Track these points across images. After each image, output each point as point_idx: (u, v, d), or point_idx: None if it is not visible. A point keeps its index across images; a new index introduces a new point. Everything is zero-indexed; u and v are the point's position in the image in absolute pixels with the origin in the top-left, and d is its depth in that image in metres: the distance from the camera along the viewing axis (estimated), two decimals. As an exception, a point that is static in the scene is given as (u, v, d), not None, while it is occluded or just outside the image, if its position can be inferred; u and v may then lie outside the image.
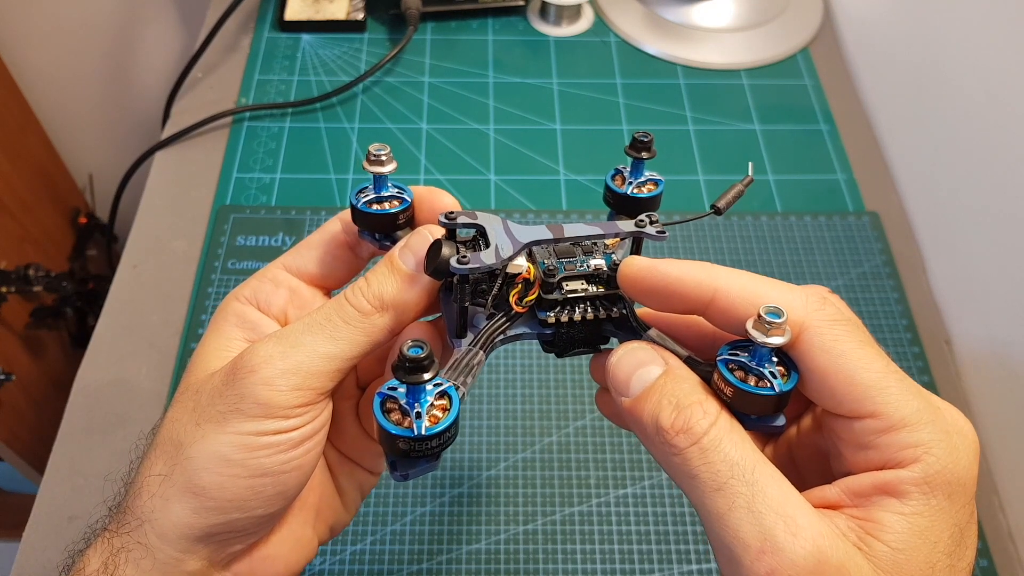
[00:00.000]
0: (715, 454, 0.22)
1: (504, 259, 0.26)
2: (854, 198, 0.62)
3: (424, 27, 0.73)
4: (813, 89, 0.70)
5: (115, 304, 0.55)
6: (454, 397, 0.24)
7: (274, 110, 0.66)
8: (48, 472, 0.47)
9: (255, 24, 0.73)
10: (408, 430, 0.23)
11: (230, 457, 0.25)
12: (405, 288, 0.28)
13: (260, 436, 0.26)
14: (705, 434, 0.22)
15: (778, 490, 0.22)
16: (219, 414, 0.26)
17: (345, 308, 0.27)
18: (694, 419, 0.23)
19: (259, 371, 0.26)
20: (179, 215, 0.60)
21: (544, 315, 0.27)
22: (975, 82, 0.54)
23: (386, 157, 0.29)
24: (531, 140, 0.65)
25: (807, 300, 0.24)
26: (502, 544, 0.45)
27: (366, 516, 0.46)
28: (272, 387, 0.26)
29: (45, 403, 0.93)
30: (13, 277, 0.86)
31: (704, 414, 0.23)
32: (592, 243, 0.29)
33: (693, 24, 0.73)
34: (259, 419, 0.26)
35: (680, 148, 0.65)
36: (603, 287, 0.28)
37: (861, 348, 0.23)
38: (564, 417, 0.50)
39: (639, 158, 0.30)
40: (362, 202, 0.30)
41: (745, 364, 0.24)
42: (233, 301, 0.31)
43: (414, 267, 0.28)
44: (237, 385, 0.26)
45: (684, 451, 0.23)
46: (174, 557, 0.26)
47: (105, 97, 1.03)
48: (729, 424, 0.23)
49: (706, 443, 0.22)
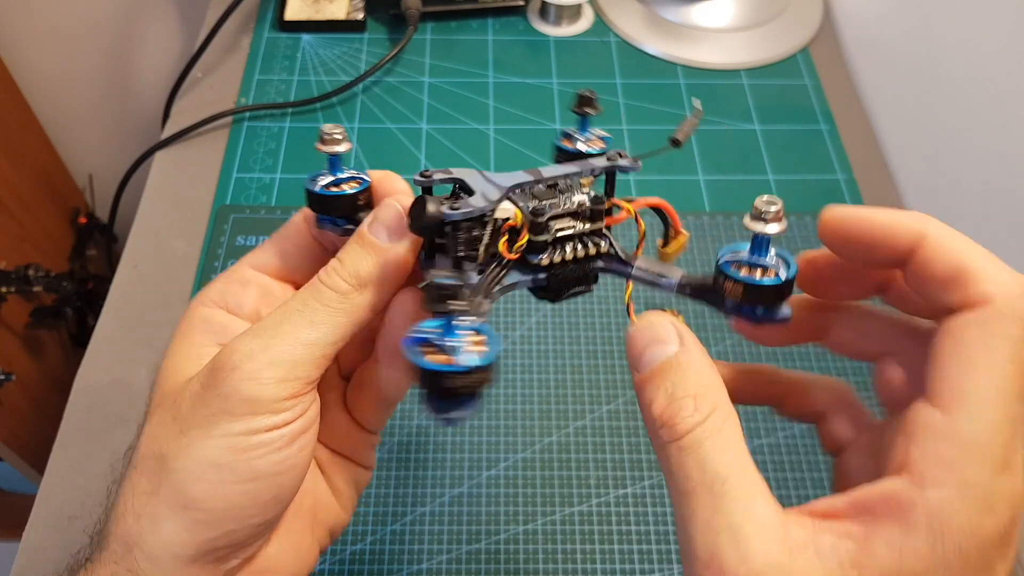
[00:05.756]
0: (691, 456, 0.21)
1: (494, 201, 0.25)
2: (854, 198, 0.62)
3: (424, 27, 0.73)
4: (813, 89, 0.70)
5: (115, 304, 0.55)
6: (490, 332, 0.23)
7: (274, 110, 0.66)
8: (48, 472, 0.47)
9: (255, 24, 0.73)
10: (453, 365, 0.22)
11: (221, 462, 0.24)
12: (381, 261, 0.26)
13: (251, 435, 0.24)
14: (688, 432, 0.21)
15: (743, 509, 0.20)
16: (204, 419, 0.24)
17: (321, 291, 0.26)
18: (681, 415, 0.22)
19: (242, 367, 0.24)
20: (179, 215, 0.60)
21: (536, 258, 0.27)
22: (975, 81, 0.54)
23: (340, 136, 0.28)
24: (531, 140, 0.65)
25: (1012, 283, 0.21)
26: (502, 544, 0.45)
27: (365, 516, 0.46)
28: (258, 381, 0.24)
29: (45, 403, 0.93)
30: (13, 277, 0.86)
31: (694, 410, 0.22)
32: (567, 183, 0.29)
33: (693, 24, 0.73)
34: (248, 417, 0.24)
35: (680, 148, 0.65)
36: (588, 223, 0.28)
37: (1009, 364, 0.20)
38: (564, 417, 0.50)
39: (585, 114, 0.30)
40: (319, 186, 0.28)
41: (746, 261, 0.25)
42: (199, 307, 0.29)
43: (387, 239, 0.27)
44: (220, 385, 0.24)
45: (665, 446, 0.22)
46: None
47: (105, 97, 1.03)
48: (719, 424, 0.22)
49: (685, 443, 0.21)
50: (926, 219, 0.23)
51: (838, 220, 0.24)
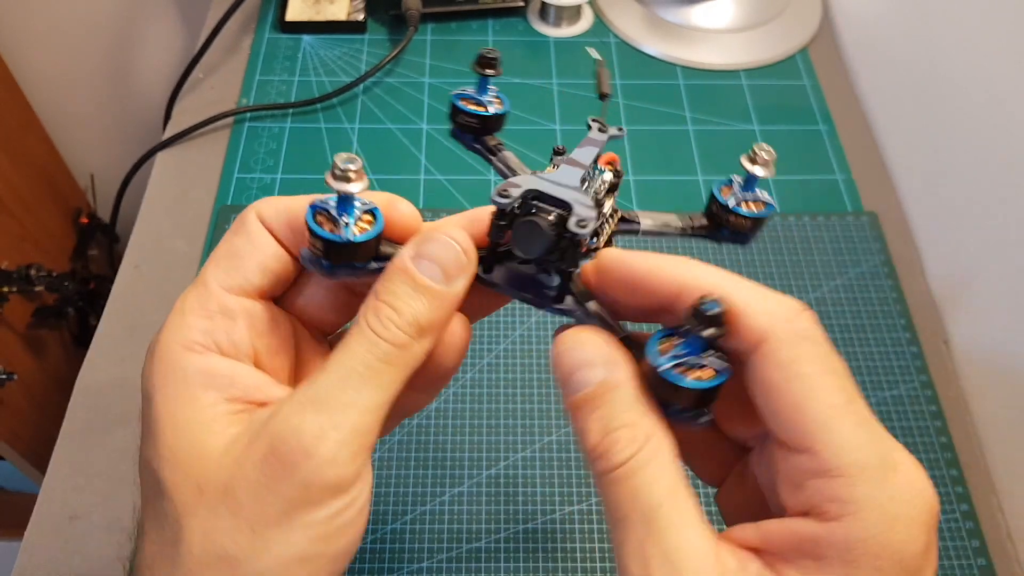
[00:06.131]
0: (624, 485, 0.21)
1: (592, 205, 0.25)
2: (852, 198, 0.62)
3: (424, 28, 0.74)
4: (812, 89, 0.70)
5: (117, 304, 0.55)
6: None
7: (275, 111, 0.66)
8: (50, 472, 0.48)
9: (256, 25, 0.73)
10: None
11: (308, 553, 0.22)
12: (443, 306, 0.25)
13: (336, 519, 0.23)
14: (622, 464, 0.21)
15: (676, 536, 0.20)
16: (280, 513, 0.22)
17: (380, 346, 0.24)
18: (616, 447, 0.22)
19: (316, 452, 0.22)
20: (180, 215, 0.60)
21: (594, 243, 0.27)
22: (974, 82, 0.54)
23: (355, 173, 0.24)
24: (531, 140, 0.65)
25: (779, 308, 0.22)
26: (502, 543, 0.45)
27: (366, 515, 0.46)
28: (336, 464, 0.22)
29: (47, 403, 0.93)
30: (15, 277, 0.86)
31: (630, 441, 0.21)
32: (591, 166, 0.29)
33: (692, 25, 0.73)
34: (330, 502, 0.23)
35: (679, 148, 0.65)
36: (612, 197, 0.29)
37: (823, 376, 0.21)
38: (564, 416, 0.50)
39: (484, 74, 0.28)
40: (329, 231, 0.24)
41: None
42: (186, 354, 0.25)
43: (444, 281, 0.24)
44: (294, 474, 0.22)
45: (599, 476, 0.22)
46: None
47: (106, 97, 1.03)
48: (653, 452, 0.21)
49: (619, 474, 0.21)
50: (684, 269, 0.23)
51: (605, 266, 0.25)
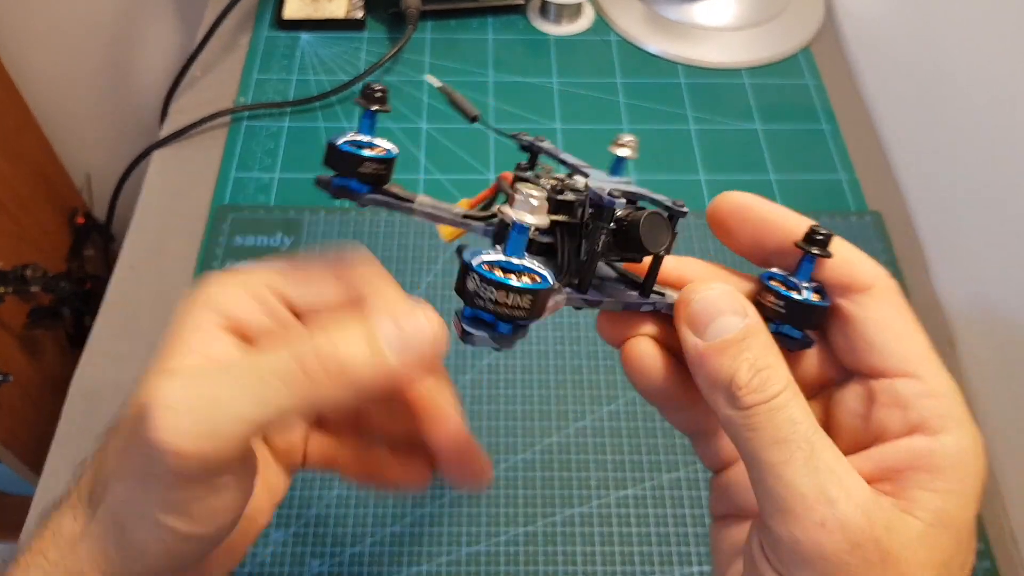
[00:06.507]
0: (781, 413, 0.23)
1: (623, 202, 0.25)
2: (856, 198, 0.62)
3: (424, 26, 0.73)
4: (815, 88, 0.69)
5: (112, 304, 0.55)
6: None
7: (273, 109, 0.66)
8: (45, 473, 0.47)
9: (254, 23, 0.73)
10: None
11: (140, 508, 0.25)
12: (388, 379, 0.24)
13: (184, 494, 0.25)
14: (776, 396, 0.23)
15: (833, 454, 0.23)
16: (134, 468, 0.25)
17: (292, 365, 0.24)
18: (770, 382, 0.23)
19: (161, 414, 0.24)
20: (177, 215, 0.59)
21: None
22: (977, 80, 0.54)
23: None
24: (531, 139, 0.65)
25: (878, 267, 0.26)
26: (502, 546, 0.45)
27: (365, 517, 0.46)
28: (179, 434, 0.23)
29: (42, 404, 0.93)
30: (10, 277, 0.86)
31: (779, 379, 0.24)
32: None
33: (694, 23, 0.73)
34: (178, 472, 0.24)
35: (681, 148, 0.65)
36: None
37: (916, 323, 0.25)
38: (564, 418, 0.50)
39: (370, 109, 0.27)
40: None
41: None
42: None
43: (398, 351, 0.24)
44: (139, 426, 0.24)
45: (752, 407, 0.23)
46: None
47: (103, 96, 1.02)
48: (795, 390, 0.24)
49: (775, 403, 0.23)
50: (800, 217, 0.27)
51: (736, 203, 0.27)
